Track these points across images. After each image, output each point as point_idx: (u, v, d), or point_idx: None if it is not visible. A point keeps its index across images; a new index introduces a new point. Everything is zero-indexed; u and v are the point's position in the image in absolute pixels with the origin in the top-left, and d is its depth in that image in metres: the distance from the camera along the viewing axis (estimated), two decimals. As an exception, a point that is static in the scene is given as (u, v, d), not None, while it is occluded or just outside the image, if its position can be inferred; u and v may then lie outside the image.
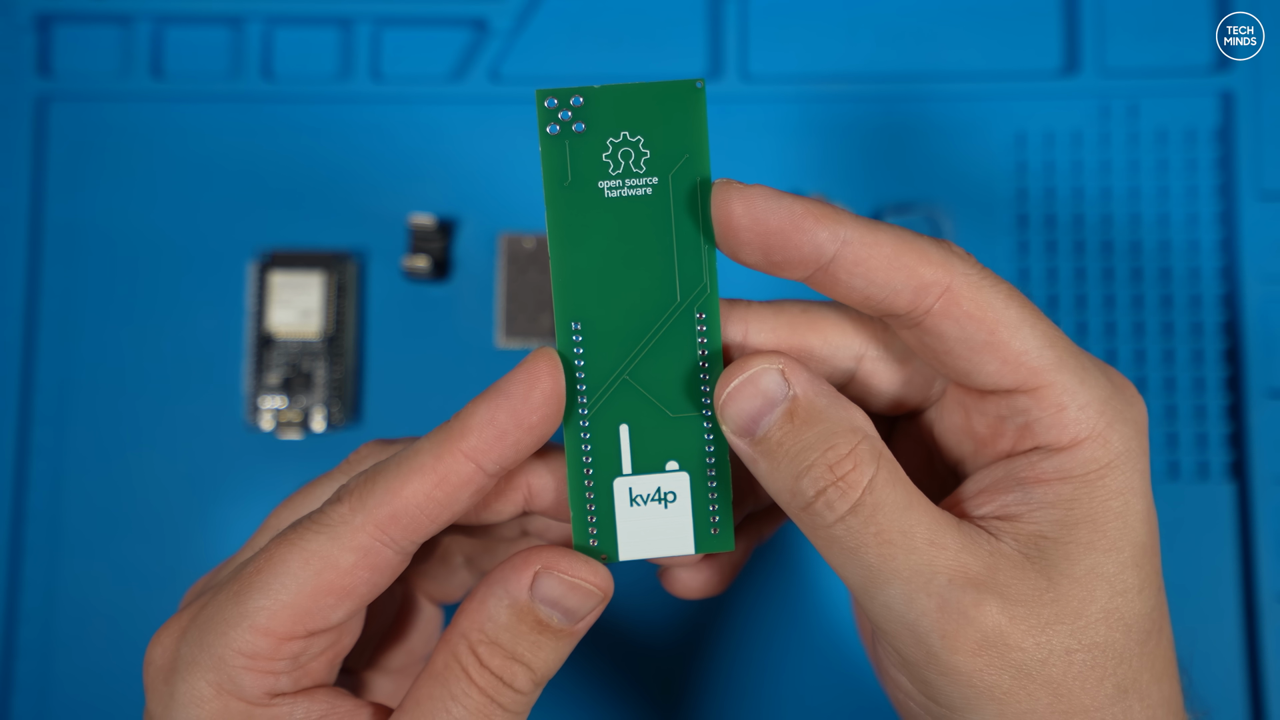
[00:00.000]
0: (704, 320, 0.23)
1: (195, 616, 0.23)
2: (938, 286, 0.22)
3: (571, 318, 0.23)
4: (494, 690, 0.22)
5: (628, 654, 0.39)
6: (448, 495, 0.22)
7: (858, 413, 0.22)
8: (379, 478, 0.22)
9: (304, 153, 0.41)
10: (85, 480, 0.39)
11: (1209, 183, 0.40)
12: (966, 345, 0.22)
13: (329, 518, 0.22)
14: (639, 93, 0.23)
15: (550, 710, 0.38)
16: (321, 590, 0.22)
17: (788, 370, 0.22)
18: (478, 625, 0.22)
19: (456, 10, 0.41)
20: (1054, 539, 0.22)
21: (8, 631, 0.39)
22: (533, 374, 0.22)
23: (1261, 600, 0.38)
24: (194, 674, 0.22)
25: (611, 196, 0.23)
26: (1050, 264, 0.40)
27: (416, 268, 0.39)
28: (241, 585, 0.22)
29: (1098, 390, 0.22)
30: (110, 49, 0.41)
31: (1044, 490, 0.22)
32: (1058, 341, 0.22)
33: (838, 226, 0.21)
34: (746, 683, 0.38)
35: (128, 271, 0.40)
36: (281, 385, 0.39)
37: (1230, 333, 0.39)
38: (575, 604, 0.23)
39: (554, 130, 0.23)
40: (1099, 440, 0.22)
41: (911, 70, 0.41)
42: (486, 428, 0.22)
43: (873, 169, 0.40)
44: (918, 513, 0.22)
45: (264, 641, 0.22)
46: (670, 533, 0.24)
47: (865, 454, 0.22)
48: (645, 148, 0.23)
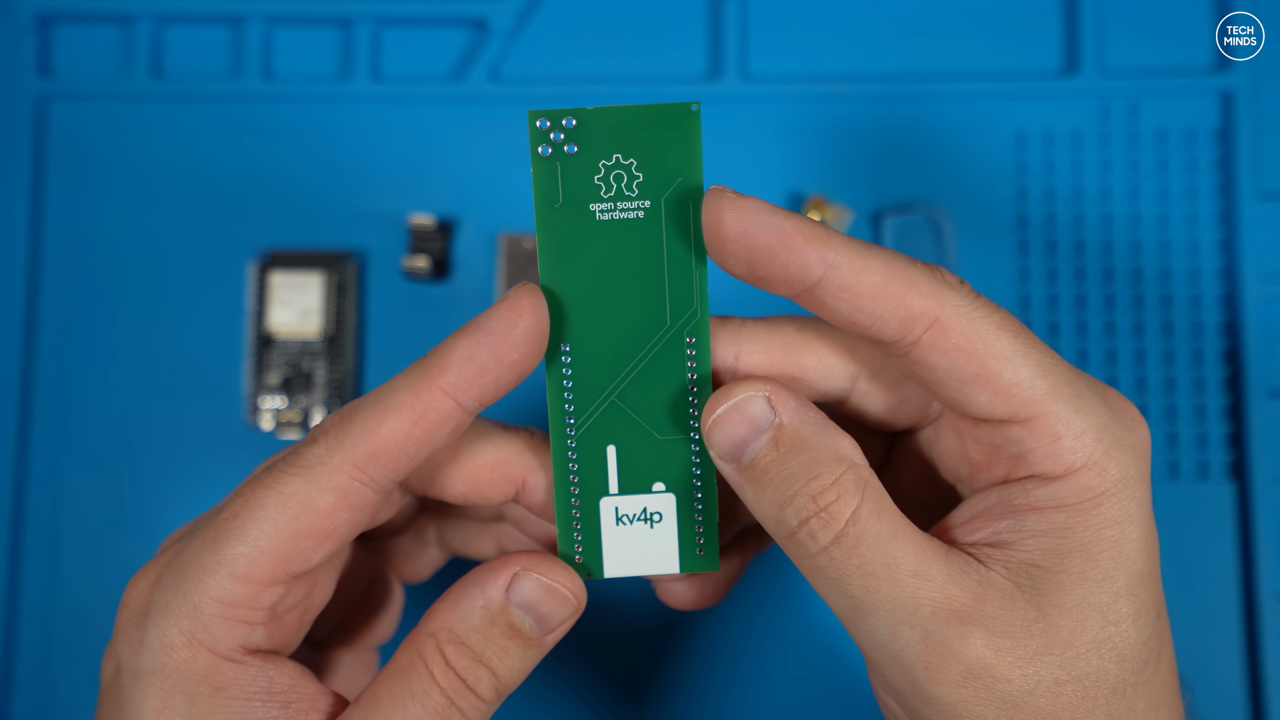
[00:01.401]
0: (694, 345, 0.23)
1: (171, 563, 0.22)
2: (926, 318, 0.21)
3: (561, 339, 0.23)
4: (456, 693, 0.22)
5: (621, 662, 0.39)
6: (426, 432, 0.22)
7: (845, 440, 0.22)
8: (355, 416, 0.22)
9: (304, 153, 0.41)
10: (85, 480, 0.39)
11: (1209, 183, 0.40)
12: (956, 377, 0.22)
13: (304, 459, 0.22)
14: (633, 115, 0.22)
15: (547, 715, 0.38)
16: (301, 533, 0.22)
17: (774, 397, 0.22)
18: (448, 624, 0.22)
19: (456, 10, 0.41)
20: (1045, 568, 0.21)
21: (8, 631, 0.39)
22: (515, 310, 0.22)
23: (1261, 600, 0.38)
24: (166, 620, 0.22)
25: (603, 219, 0.23)
26: (1050, 264, 0.40)
27: (416, 268, 0.39)
28: (218, 531, 0.22)
29: (1094, 417, 0.22)
30: (110, 49, 0.41)
31: (1037, 518, 0.22)
32: (1052, 370, 0.22)
33: (826, 249, 0.21)
34: (739, 692, 0.38)
35: (128, 271, 0.40)
36: (281, 385, 0.39)
37: (1230, 333, 0.39)
38: (549, 610, 0.23)
39: (546, 151, 0.23)
40: (1095, 468, 0.21)
41: (911, 70, 0.41)
42: (466, 364, 0.21)
43: (873, 169, 0.40)
44: (903, 543, 0.21)
45: (242, 589, 0.22)
46: (655, 552, 0.24)
47: (850, 484, 0.21)
48: (638, 171, 0.23)
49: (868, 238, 0.40)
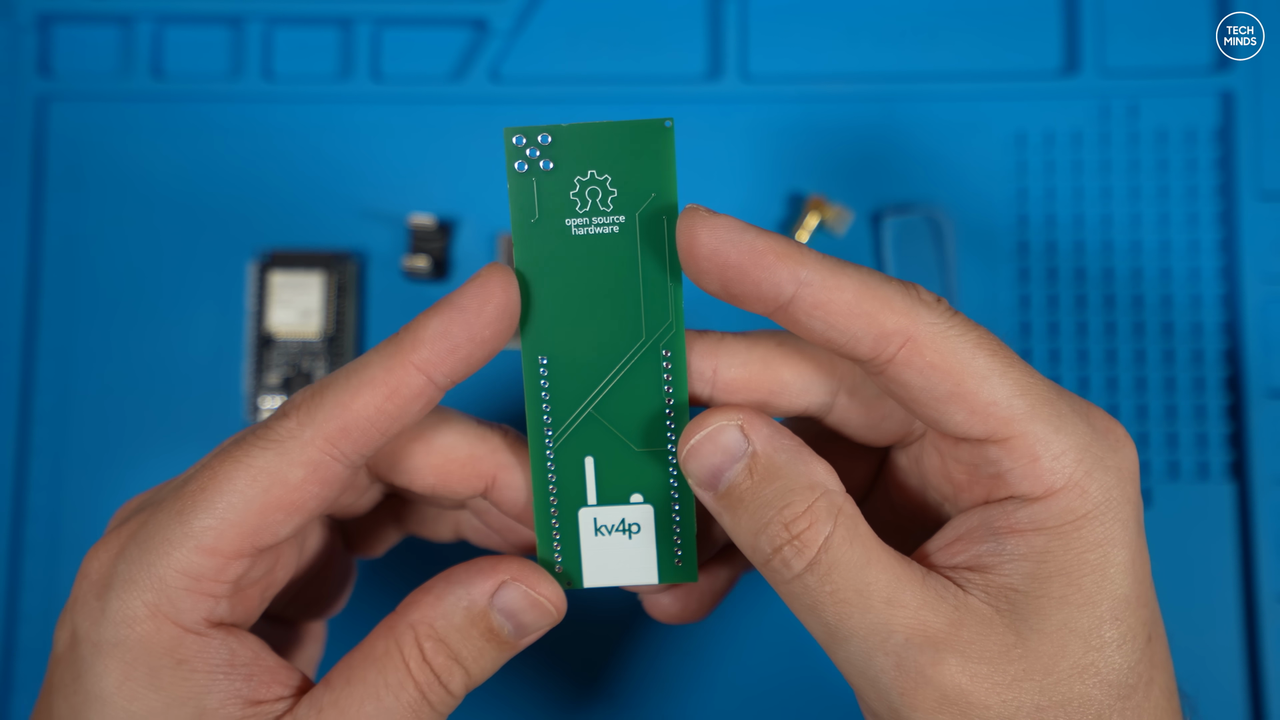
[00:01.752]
0: (669, 359, 0.23)
1: (135, 534, 0.22)
2: (900, 335, 0.21)
3: (538, 351, 0.23)
4: (429, 688, 0.22)
5: (597, 664, 0.39)
6: (399, 408, 0.22)
7: (820, 467, 0.22)
8: (327, 391, 0.22)
9: (304, 153, 0.41)
10: (85, 480, 0.39)
11: (1209, 183, 0.40)
12: (931, 395, 0.21)
13: (275, 433, 0.22)
14: (607, 132, 0.23)
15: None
16: (270, 506, 0.22)
17: (747, 425, 0.22)
18: (429, 620, 0.22)
19: (456, 10, 0.41)
20: (1025, 592, 0.21)
21: (8, 631, 0.39)
22: (486, 287, 0.22)
23: (1261, 600, 0.38)
24: (129, 592, 0.22)
25: (579, 234, 0.23)
26: (1050, 264, 0.40)
27: (416, 268, 0.39)
28: (185, 504, 0.22)
29: (1075, 437, 0.21)
30: (110, 49, 0.41)
31: (1017, 541, 0.22)
32: (1032, 389, 0.21)
33: (798, 267, 0.21)
34: (717, 696, 0.38)
35: (128, 272, 0.40)
36: (281, 385, 0.39)
37: (1230, 333, 0.39)
38: (530, 620, 0.23)
39: (522, 167, 0.23)
40: (1075, 490, 0.21)
41: (911, 70, 0.41)
42: (439, 340, 0.22)
43: (873, 169, 0.40)
44: (876, 569, 0.21)
45: (209, 561, 0.22)
46: (634, 563, 0.24)
47: (822, 511, 0.21)
48: (613, 186, 0.23)
49: (868, 238, 0.40)
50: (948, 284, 0.39)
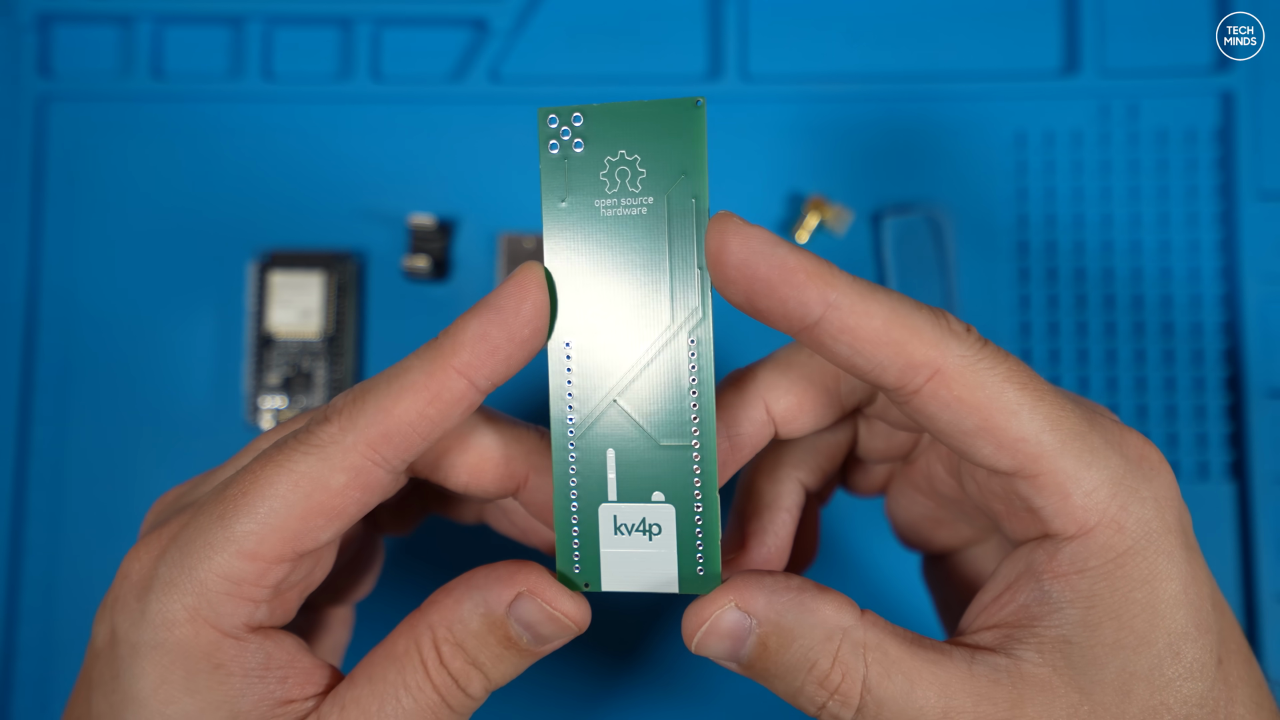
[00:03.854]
0: (696, 346, 0.23)
1: (176, 537, 0.22)
2: (927, 367, 0.21)
3: (564, 337, 0.23)
4: (447, 691, 0.22)
5: (631, 665, 0.39)
6: (441, 413, 0.22)
7: (829, 607, 0.22)
8: (369, 396, 0.22)
9: (304, 153, 0.41)
10: (85, 480, 0.39)
11: (1209, 183, 0.40)
12: (958, 429, 0.21)
13: (318, 438, 0.22)
14: (638, 111, 0.22)
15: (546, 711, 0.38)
16: (312, 511, 0.22)
17: (741, 600, 0.22)
18: (447, 623, 0.22)
19: (456, 10, 0.41)
20: (1078, 644, 0.21)
21: (8, 631, 0.39)
22: (522, 287, 0.22)
23: (1261, 600, 0.38)
24: (170, 595, 0.22)
25: (608, 215, 0.23)
26: (1050, 264, 0.40)
27: (416, 268, 0.39)
28: (226, 507, 0.22)
29: (1107, 471, 0.21)
30: (110, 49, 0.41)
31: (1061, 587, 0.21)
32: (1062, 423, 0.21)
33: (828, 289, 0.21)
34: (718, 695, 0.38)
35: (128, 272, 0.40)
36: (281, 385, 0.39)
37: (1230, 333, 0.39)
38: (548, 632, 0.23)
39: (554, 148, 0.23)
40: (1112, 526, 0.21)
41: (911, 70, 0.41)
42: (479, 343, 0.21)
43: (873, 169, 0.40)
44: (923, 688, 0.21)
45: (251, 566, 0.21)
46: (654, 567, 0.23)
47: (849, 659, 0.21)
48: (642, 166, 0.23)
49: (868, 238, 0.40)
50: (947, 284, 0.39)
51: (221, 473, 0.25)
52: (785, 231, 0.40)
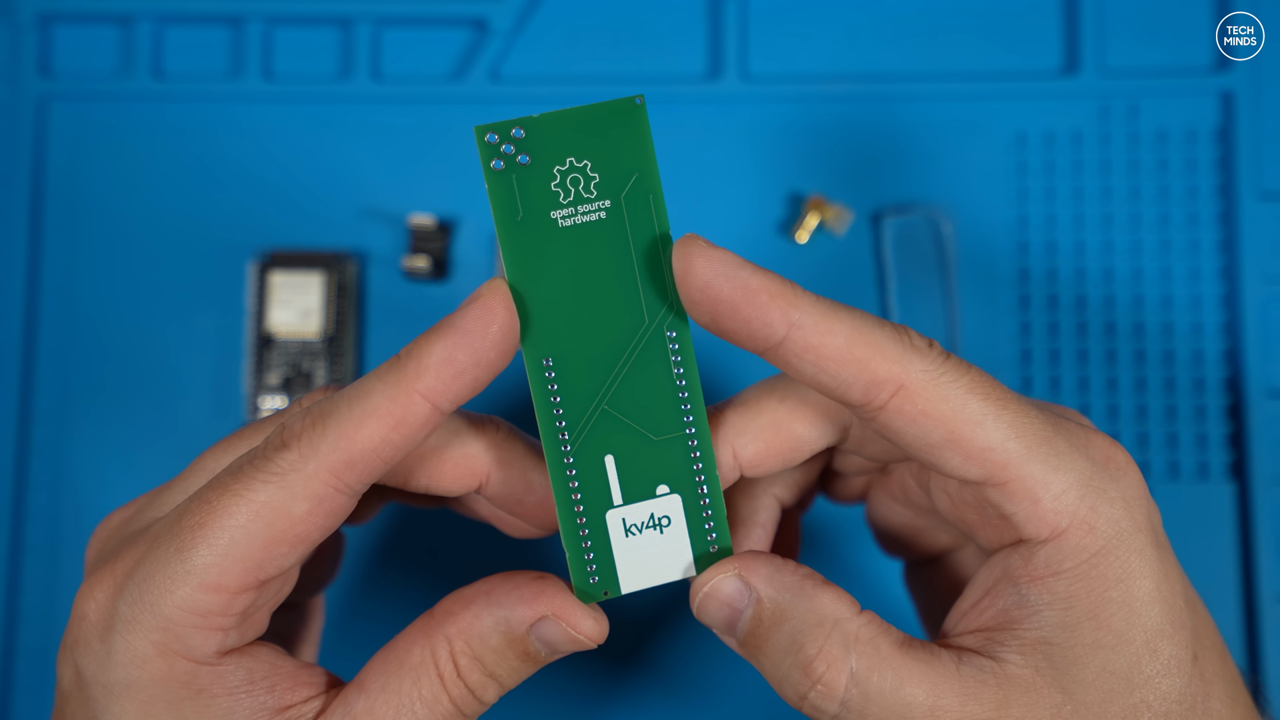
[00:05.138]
0: (675, 339, 0.23)
1: (132, 572, 0.22)
2: (891, 383, 0.21)
3: (542, 354, 0.23)
4: (463, 702, 0.22)
5: (637, 663, 0.39)
6: (404, 437, 0.21)
7: (827, 598, 0.22)
8: (329, 421, 0.21)
9: (304, 153, 0.41)
10: (85, 480, 0.39)
11: (1209, 183, 0.40)
12: (924, 442, 0.21)
13: (277, 465, 0.21)
14: (579, 116, 0.22)
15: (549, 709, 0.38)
16: (274, 540, 0.21)
17: (745, 570, 0.22)
18: (465, 637, 0.22)
19: (456, 10, 0.41)
20: (1058, 644, 0.21)
21: (8, 631, 0.39)
22: (488, 309, 0.21)
23: (1261, 600, 0.38)
24: (134, 633, 0.21)
25: (566, 225, 0.23)
26: (1050, 264, 0.40)
27: (416, 268, 0.39)
28: (184, 540, 0.21)
29: (1075, 473, 0.21)
30: (110, 49, 0.41)
31: (1039, 590, 0.21)
32: (1027, 429, 0.21)
33: (791, 309, 0.21)
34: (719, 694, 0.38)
35: (127, 271, 0.40)
36: (281, 385, 0.39)
37: (1230, 333, 0.39)
38: (567, 648, 0.23)
39: (498, 166, 0.22)
40: (1083, 527, 0.21)
41: (911, 70, 0.41)
42: (444, 367, 0.21)
43: (873, 169, 0.40)
44: (910, 686, 0.21)
45: (215, 598, 0.21)
46: (669, 557, 0.24)
47: (836, 649, 0.21)
48: (593, 171, 0.22)
49: (868, 238, 0.40)
50: (947, 284, 0.39)
51: (168, 494, 0.24)
52: (785, 232, 0.40)
